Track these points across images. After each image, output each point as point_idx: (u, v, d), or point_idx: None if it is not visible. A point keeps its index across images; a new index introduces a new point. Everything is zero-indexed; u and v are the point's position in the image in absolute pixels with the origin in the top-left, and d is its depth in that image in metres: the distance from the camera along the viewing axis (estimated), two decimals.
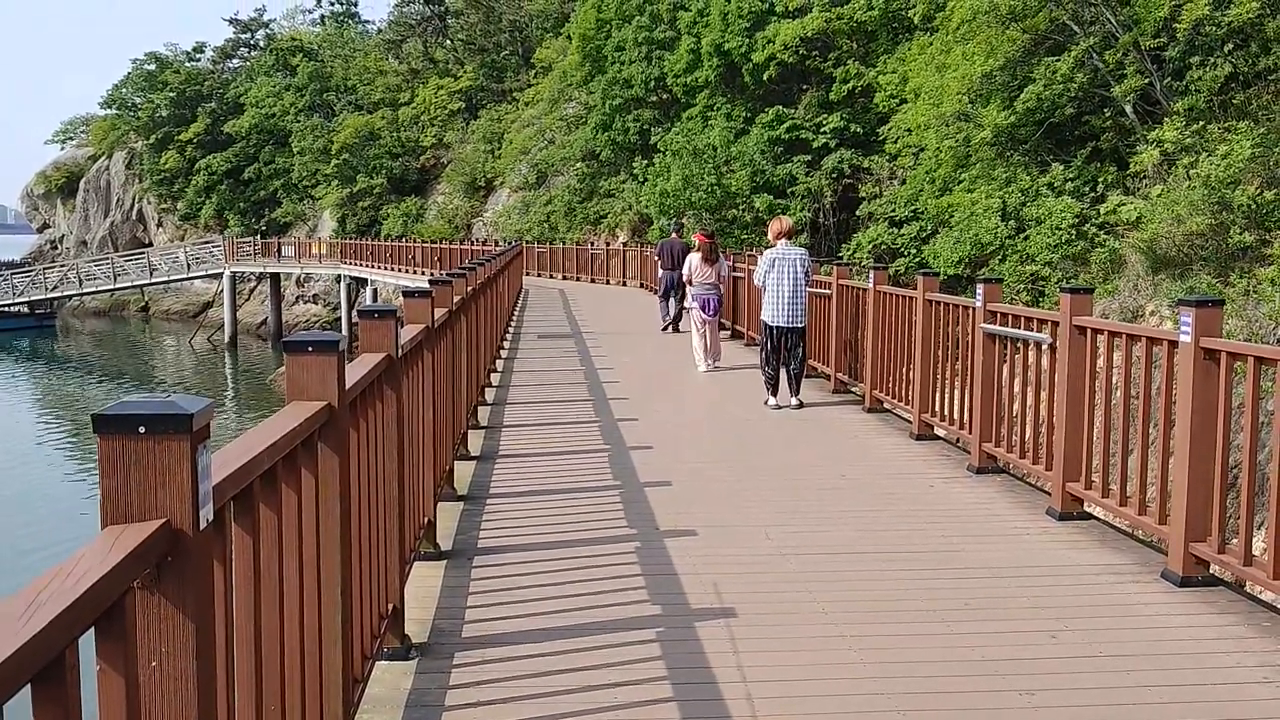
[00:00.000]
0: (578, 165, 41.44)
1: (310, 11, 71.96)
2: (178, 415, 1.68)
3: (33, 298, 53.49)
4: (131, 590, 1.57)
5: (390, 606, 4.10)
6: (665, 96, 35.31)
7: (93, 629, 1.50)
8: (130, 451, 1.68)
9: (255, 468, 2.21)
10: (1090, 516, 6.42)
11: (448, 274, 8.03)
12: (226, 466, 2.06)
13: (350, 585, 3.22)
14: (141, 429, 1.67)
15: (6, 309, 53.09)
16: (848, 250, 24.52)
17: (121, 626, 1.54)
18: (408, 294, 5.34)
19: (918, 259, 21.88)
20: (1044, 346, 6.83)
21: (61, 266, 56.75)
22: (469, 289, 8.14)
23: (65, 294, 54.89)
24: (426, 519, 5.37)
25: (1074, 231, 16.98)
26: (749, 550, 5.74)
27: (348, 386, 3.17)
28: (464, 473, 7.35)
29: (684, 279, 13.81)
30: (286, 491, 2.58)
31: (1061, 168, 18.33)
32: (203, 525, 1.75)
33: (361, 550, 3.48)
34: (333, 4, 69.87)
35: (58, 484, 21.21)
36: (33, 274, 55.68)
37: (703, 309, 13.26)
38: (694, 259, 13.60)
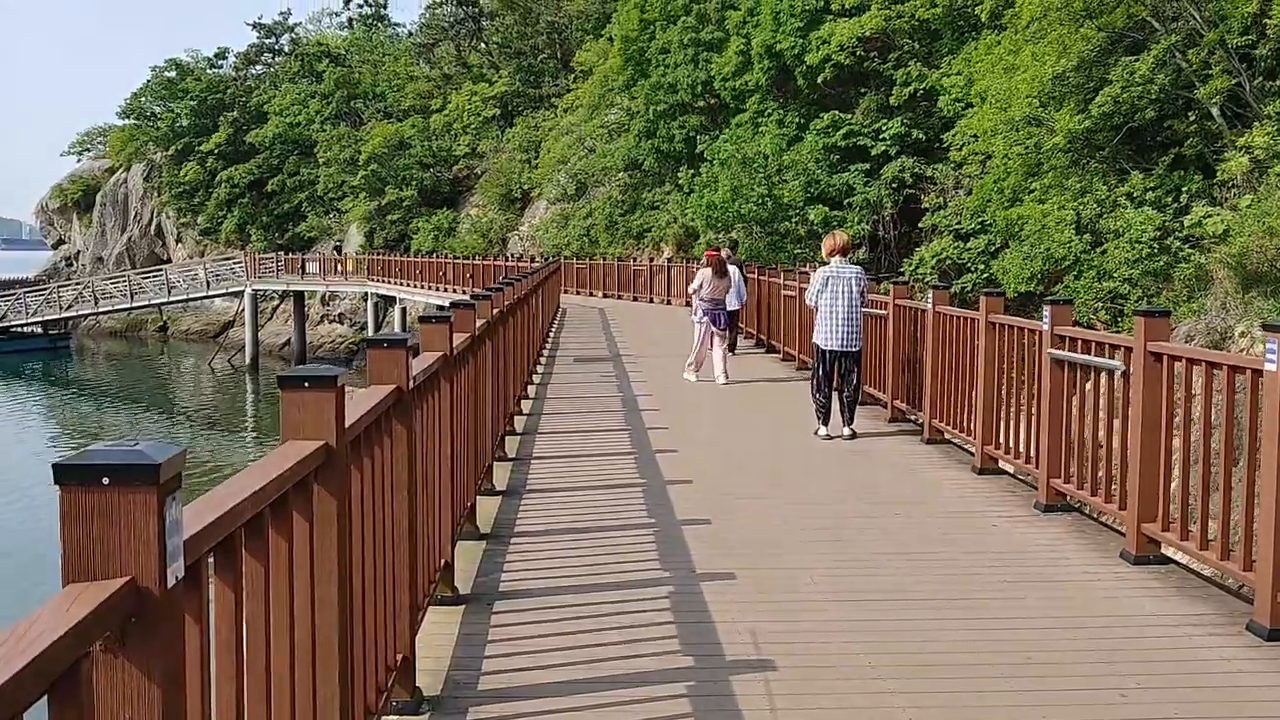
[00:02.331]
0: (619, 175, 41.59)
1: (337, 14, 73.35)
2: (144, 465, 1.68)
3: (46, 317, 54.45)
4: (89, 655, 1.57)
5: (399, 657, 4.09)
6: (713, 101, 35.39)
7: (45, 698, 1.50)
8: (93, 504, 1.68)
9: (238, 516, 2.21)
10: (1168, 560, 6.30)
11: (473, 295, 8.07)
12: (205, 516, 2.06)
13: (350, 636, 3.22)
14: (105, 480, 1.68)
15: (19, 330, 54.11)
16: (909, 266, 24.39)
17: (77, 695, 1.54)
18: (424, 319, 5.37)
19: (986, 275, 21.71)
20: (1117, 374, 6.72)
21: (76, 284, 57.80)
22: (495, 311, 8.17)
23: (80, 313, 55.87)
24: (443, 561, 5.37)
25: (1155, 245, 16.77)
26: (791, 595, 5.68)
27: (350, 423, 3.17)
28: (488, 509, 7.35)
29: (691, 291, 14.98)
30: (276, 540, 2.58)
31: (1141, 176, 18.12)
32: (171, 583, 1.75)
33: (365, 598, 3.48)
34: (361, 6, 70.88)
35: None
36: (47, 293, 56.73)
37: (714, 323, 14.27)
38: (705, 274, 14.59)
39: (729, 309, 15.56)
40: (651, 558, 6.32)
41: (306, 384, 2.91)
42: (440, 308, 6.59)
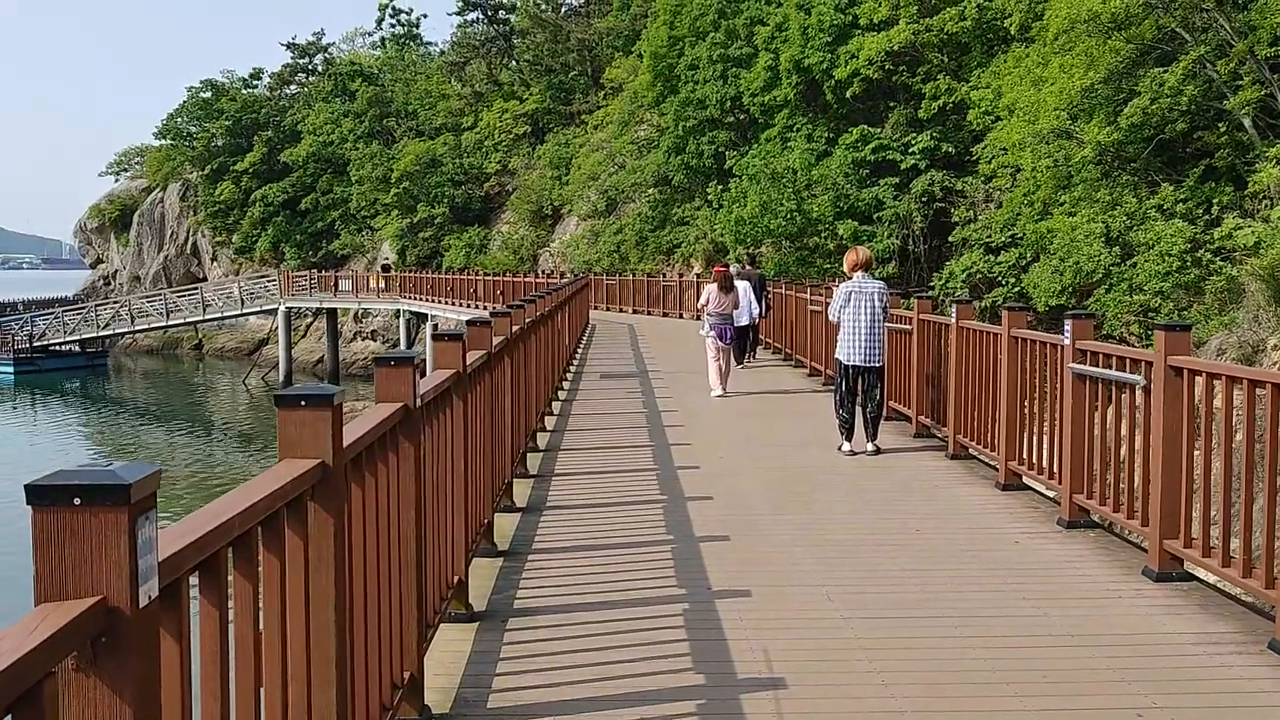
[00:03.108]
0: (649, 191, 41.67)
1: (370, 34, 73.65)
2: (115, 486, 1.70)
3: (84, 336, 55.11)
4: (53, 674, 1.58)
5: (407, 674, 4.10)
6: (742, 117, 35.41)
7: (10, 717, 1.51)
8: (65, 524, 1.70)
9: (224, 534, 2.23)
10: (1191, 578, 6.22)
11: (491, 312, 8.10)
12: (185, 535, 2.07)
13: (351, 653, 3.23)
14: (77, 500, 1.70)
15: (58, 348, 54.79)
16: (940, 280, 24.25)
17: (40, 713, 1.55)
18: (436, 336, 5.39)
19: (1017, 289, 21.56)
20: (1137, 389, 6.65)
21: (114, 303, 58.47)
22: (514, 328, 8.19)
23: (117, 332, 56.48)
24: (457, 578, 5.38)
25: (1186, 258, 16.60)
26: (807, 612, 5.65)
27: (350, 442, 3.19)
28: (507, 526, 7.36)
29: (699, 305, 15.48)
30: (268, 558, 2.60)
31: (1172, 188, 17.96)
32: (144, 602, 1.76)
33: (368, 616, 3.49)
34: (393, 25, 71.54)
35: None
36: (84, 311, 57.45)
37: (720, 337, 14.73)
38: (711, 289, 15.11)
39: (740, 323, 15.91)
40: (669, 575, 6.31)
41: (303, 403, 2.93)
42: (469, 324, 6.65)
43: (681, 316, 33.80)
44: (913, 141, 27.81)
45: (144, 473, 1.76)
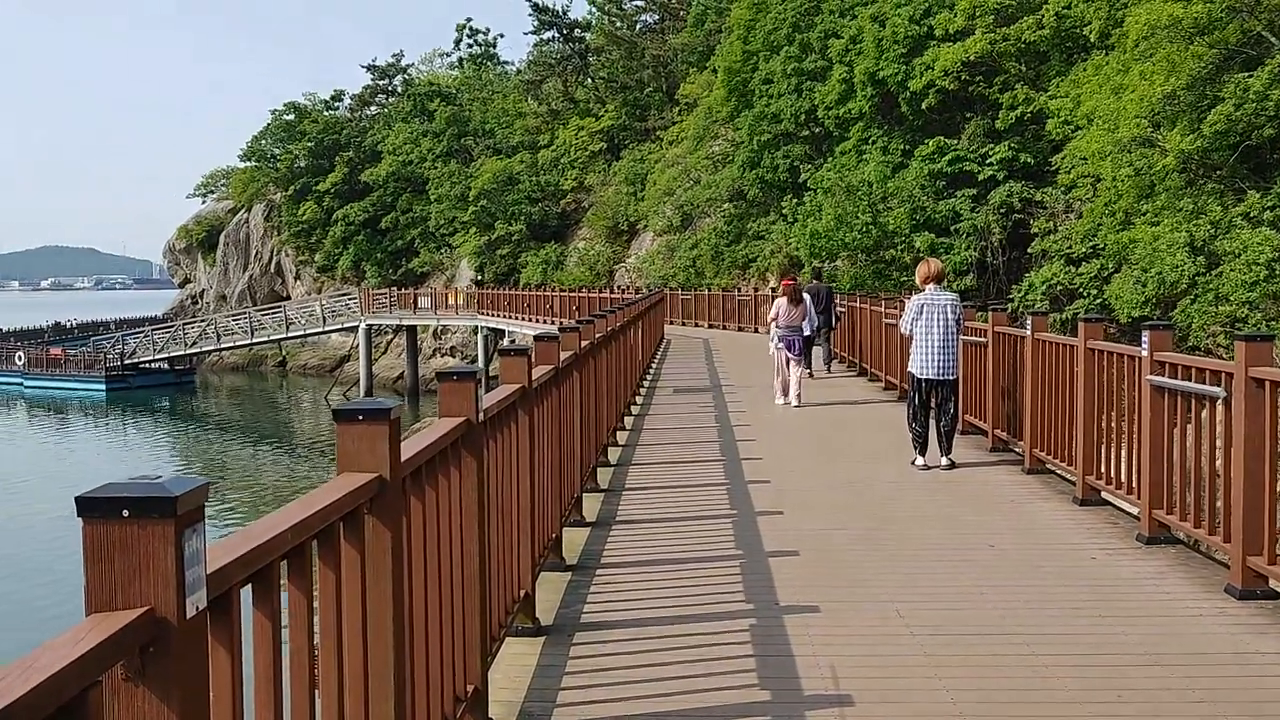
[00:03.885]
0: (725, 206, 41.65)
1: (448, 54, 74.69)
2: (162, 498, 1.73)
3: (172, 353, 56.52)
4: (98, 683, 1.60)
5: (470, 688, 4.11)
6: (816, 130, 35.26)
7: None
8: (114, 536, 1.73)
9: (275, 548, 2.25)
10: (1277, 595, 6.02)
11: (561, 327, 8.12)
12: (237, 548, 2.10)
13: (411, 667, 3.25)
14: (125, 512, 1.72)
15: (148, 366, 56.25)
16: (1019, 292, 23.87)
17: (85, 719, 1.57)
18: (502, 352, 5.42)
19: (1099, 300, 21.14)
20: (1218, 401, 6.48)
21: (201, 321, 59.90)
22: (583, 343, 8.20)
23: (204, 349, 57.82)
24: (523, 592, 5.39)
25: (1274, 266, 16.15)
26: (875, 629, 5.57)
27: (408, 456, 3.22)
28: (576, 540, 7.37)
29: (769, 319, 15.89)
30: (324, 570, 2.62)
31: (1258, 195, 17.50)
32: (191, 614, 1.78)
33: (429, 629, 3.51)
34: (471, 46, 72.48)
35: None
36: (173, 329, 58.92)
37: (789, 348, 15.21)
38: (781, 303, 15.59)
39: (804, 334, 16.04)
40: (736, 590, 6.26)
41: (360, 418, 2.96)
42: (536, 339, 6.68)
43: (757, 331, 33.63)
44: (990, 152, 27.48)
45: (191, 485, 1.79)
